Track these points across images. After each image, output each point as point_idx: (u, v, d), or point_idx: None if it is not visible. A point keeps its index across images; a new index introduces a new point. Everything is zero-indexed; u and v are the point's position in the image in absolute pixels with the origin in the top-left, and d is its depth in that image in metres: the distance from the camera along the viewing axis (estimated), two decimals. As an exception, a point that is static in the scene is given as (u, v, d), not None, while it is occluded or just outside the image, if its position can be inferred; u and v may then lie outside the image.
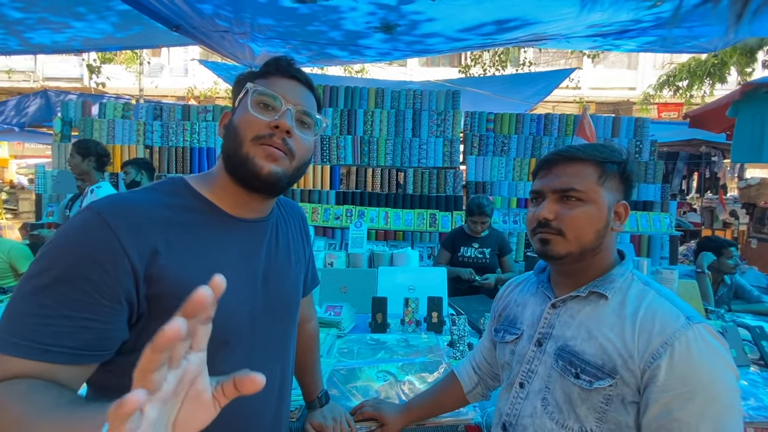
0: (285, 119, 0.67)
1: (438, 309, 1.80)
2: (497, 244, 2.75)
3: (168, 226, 0.61)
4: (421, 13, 2.59)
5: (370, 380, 1.28)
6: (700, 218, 7.51)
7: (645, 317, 0.70)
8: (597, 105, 13.43)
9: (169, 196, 0.66)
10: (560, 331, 0.78)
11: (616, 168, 0.77)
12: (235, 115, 0.70)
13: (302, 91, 0.72)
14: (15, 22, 2.81)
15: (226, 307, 0.64)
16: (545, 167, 0.80)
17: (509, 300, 0.95)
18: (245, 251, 0.71)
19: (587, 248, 0.75)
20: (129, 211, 0.58)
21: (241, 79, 0.72)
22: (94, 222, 0.55)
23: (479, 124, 4.33)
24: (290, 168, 0.69)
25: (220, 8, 2.55)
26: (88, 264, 0.53)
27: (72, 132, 4.37)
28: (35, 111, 7.37)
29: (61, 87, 10.41)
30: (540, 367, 0.79)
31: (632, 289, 0.76)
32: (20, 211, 9.54)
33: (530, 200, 0.84)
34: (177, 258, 0.60)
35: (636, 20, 2.50)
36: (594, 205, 0.75)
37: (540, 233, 0.77)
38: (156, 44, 3.78)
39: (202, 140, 4.26)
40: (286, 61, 0.73)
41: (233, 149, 0.67)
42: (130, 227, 0.57)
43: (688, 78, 8.45)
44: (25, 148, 12.69)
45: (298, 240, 0.87)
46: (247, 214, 0.72)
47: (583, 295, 0.78)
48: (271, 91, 0.68)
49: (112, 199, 0.60)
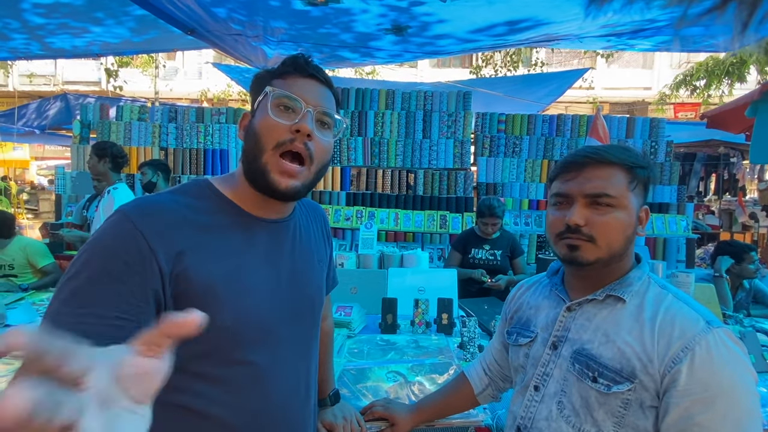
0: (305, 122, 0.67)
1: (448, 310, 1.80)
2: (509, 246, 2.72)
3: (193, 228, 0.63)
4: (432, 15, 2.60)
5: (380, 381, 1.28)
6: (719, 221, 7.33)
7: (664, 321, 0.70)
8: (611, 105, 13.22)
9: (195, 199, 0.67)
10: (576, 334, 0.77)
11: (644, 173, 0.75)
12: (255, 117, 0.70)
13: (321, 90, 0.72)
14: (37, 27, 2.90)
15: (251, 306, 0.66)
16: (573, 169, 0.77)
17: (521, 302, 0.93)
18: (269, 251, 0.71)
19: (616, 255, 0.74)
20: (156, 215, 0.61)
21: (260, 79, 0.72)
22: (125, 226, 0.59)
23: (490, 125, 4.30)
24: (309, 176, 0.69)
25: (234, 12, 2.60)
26: (119, 266, 0.56)
27: (90, 134, 4.49)
28: (55, 114, 7.59)
29: (80, 90, 10.69)
30: (555, 370, 0.79)
31: (650, 293, 0.75)
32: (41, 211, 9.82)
33: (552, 203, 0.80)
34: (202, 258, 0.62)
35: (651, 19, 2.46)
36: (625, 212, 0.73)
37: (568, 239, 0.75)
38: (171, 48, 3.86)
39: (215, 142, 4.33)
40: (303, 60, 0.72)
41: (253, 157, 0.67)
42: (157, 231, 0.59)
43: (705, 77, 8.27)
44: (45, 150, 13.04)
45: (320, 240, 0.87)
46: (269, 214, 0.73)
47: (600, 299, 0.76)
48: (290, 93, 0.67)
49: (141, 203, 0.63)
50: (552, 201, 0.80)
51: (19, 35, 3.07)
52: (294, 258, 0.76)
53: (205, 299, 0.61)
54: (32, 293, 2.50)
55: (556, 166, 0.81)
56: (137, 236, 0.58)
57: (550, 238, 0.79)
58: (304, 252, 0.79)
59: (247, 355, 0.66)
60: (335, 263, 1.00)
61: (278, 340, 0.71)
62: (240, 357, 0.66)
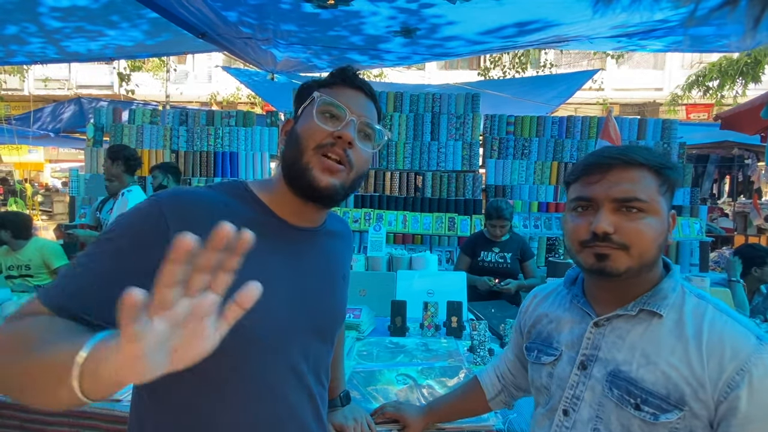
0: (348, 130, 0.68)
1: (458, 314, 1.78)
2: (518, 249, 2.70)
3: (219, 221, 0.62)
4: (442, 17, 2.60)
5: (389, 383, 1.28)
6: (733, 224, 7.19)
7: (711, 339, 0.64)
8: (621, 107, 13.07)
9: (229, 196, 0.69)
10: (609, 353, 0.71)
11: (673, 175, 0.70)
12: (298, 123, 0.71)
13: (366, 102, 0.73)
14: (54, 31, 2.96)
15: (269, 311, 0.64)
16: (597, 171, 0.70)
17: (539, 315, 0.87)
18: (297, 260, 0.71)
19: (647, 264, 0.68)
20: (186, 204, 0.62)
21: (307, 87, 0.74)
22: (151, 209, 0.61)
23: (499, 127, 4.28)
24: (348, 180, 0.70)
25: (245, 15, 2.63)
26: (133, 243, 0.58)
27: (104, 137, 4.56)
28: (69, 117, 7.74)
29: (93, 94, 10.89)
30: (586, 393, 0.72)
31: (687, 305, 0.69)
32: (55, 213, 10.00)
33: (572, 208, 0.73)
34: None
35: (662, 20, 2.43)
36: (657, 217, 0.67)
37: (596, 247, 0.68)
38: (182, 51, 3.92)
39: (225, 145, 4.37)
40: (352, 72, 0.73)
41: (294, 158, 0.68)
42: (181, 217, 0.60)
43: (719, 78, 8.13)
44: (59, 153, 13.30)
45: (346, 257, 0.87)
46: (302, 222, 0.73)
47: (633, 314, 0.70)
48: (336, 101, 0.69)
49: (177, 191, 0.66)
50: (572, 206, 0.73)
51: (36, 39, 3.13)
52: (321, 270, 0.75)
53: None
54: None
55: (576, 168, 0.75)
56: (159, 217, 0.59)
57: (572, 246, 0.72)
58: (331, 266, 0.78)
59: (260, 360, 0.65)
60: None
61: (295, 350, 0.70)
62: (253, 360, 0.65)
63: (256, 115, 4.63)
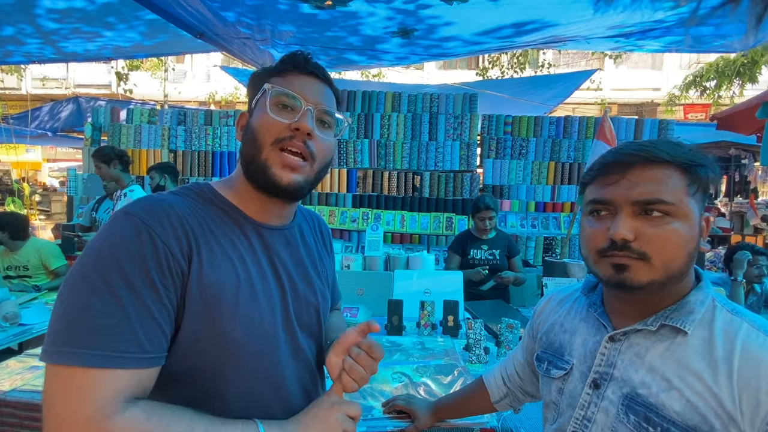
0: (305, 121, 0.64)
1: (454, 313, 1.80)
2: (506, 246, 2.75)
3: (198, 232, 0.60)
4: (439, 17, 2.60)
5: (385, 381, 1.29)
6: (730, 223, 7.22)
7: (744, 365, 0.55)
8: (619, 107, 13.10)
9: (197, 202, 0.65)
10: (625, 373, 0.64)
11: (705, 173, 0.61)
12: (252, 116, 0.68)
13: (322, 88, 0.69)
14: (51, 33, 2.96)
15: (259, 317, 0.63)
16: (615, 170, 0.62)
17: (553, 322, 0.80)
18: (272, 260, 0.69)
19: (674, 275, 0.60)
20: (167, 217, 0.58)
21: (257, 77, 0.70)
22: (141, 228, 0.55)
23: (497, 127, 4.30)
24: (311, 173, 0.67)
25: (243, 15, 2.63)
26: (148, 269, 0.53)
27: (102, 137, 4.57)
28: (67, 116, 7.72)
29: (91, 93, 10.87)
30: (599, 415, 0.65)
31: (718, 321, 0.60)
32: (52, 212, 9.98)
33: (588, 212, 0.66)
34: (208, 264, 0.59)
35: (659, 20, 2.45)
36: (685, 222, 0.59)
37: (614, 257, 0.61)
38: (180, 51, 3.92)
39: (223, 144, 4.38)
40: (303, 57, 0.69)
41: (252, 155, 0.65)
42: (172, 232, 0.57)
43: (716, 78, 8.17)
44: (57, 152, 13.26)
45: (322, 251, 0.85)
46: (272, 220, 0.71)
47: (653, 329, 0.62)
48: (289, 91, 0.65)
49: (149, 205, 0.59)
50: (588, 209, 0.66)
51: (33, 40, 3.13)
52: (297, 267, 0.73)
53: (212, 307, 0.58)
54: (45, 293, 2.55)
55: (592, 167, 0.67)
56: (150, 237, 0.55)
57: (589, 255, 0.65)
58: (306, 261, 0.77)
59: (253, 365, 0.64)
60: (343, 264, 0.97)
61: (285, 349, 0.69)
62: (246, 366, 0.63)
63: (255, 115, 4.63)
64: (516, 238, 4.04)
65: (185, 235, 0.58)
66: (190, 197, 0.65)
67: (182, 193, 0.66)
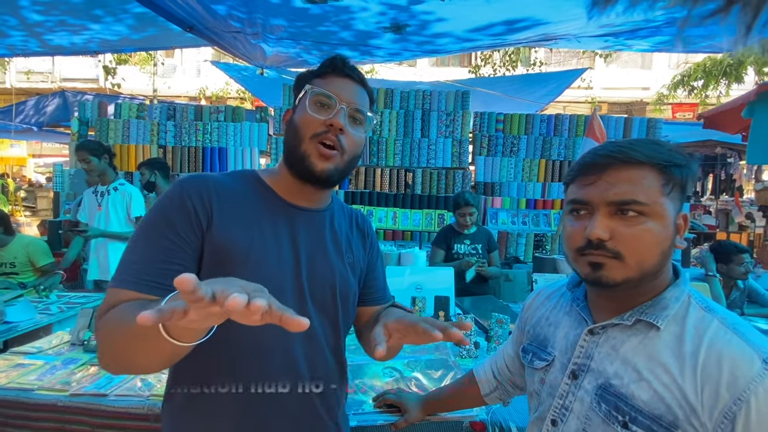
0: (338, 118, 0.74)
1: (445, 308, 1.81)
2: (486, 240, 2.80)
3: (224, 200, 0.74)
4: (431, 13, 2.61)
5: (376, 376, 1.29)
6: (715, 221, 7.36)
7: (708, 360, 0.57)
8: (609, 105, 13.25)
9: (237, 180, 0.79)
10: (601, 364, 0.67)
11: (681, 173, 0.63)
12: (295, 113, 0.79)
13: (356, 89, 0.79)
14: (35, 25, 2.90)
15: (259, 273, 0.71)
16: (593, 171, 0.64)
17: (540, 315, 0.83)
18: (294, 234, 0.78)
19: (649, 273, 0.62)
20: (201, 185, 0.73)
21: (302, 78, 0.80)
22: (178, 190, 0.72)
23: (488, 125, 4.32)
24: (342, 163, 0.77)
25: (234, 9, 2.60)
26: (175, 221, 0.69)
27: (89, 132, 4.48)
28: (53, 111, 7.56)
29: (78, 88, 10.66)
30: (575, 404, 0.68)
31: (690, 318, 0.63)
32: (38, 209, 9.79)
33: (568, 211, 0.68)
34: (228, 225, 0.72)
35: (648, 19, 2.48)
36: (659, 221, 0.61)
37: (591, 255, 0.63)
38: (170, 45, 3.86)
39: (214, 140, 4.33)
40: (341, 61, 0.79)
41: (293, 145, 0.76)
42: (199, 196, 0.72)
43: (703, 78, 8.31)
44: (43, 148, 13.00)
45: (358, 245, 0.89)
46: (302, 202, 0.81)
47: (628, 324, 0.65)
48: (326, 91, 0.75)
49: (194, 175, 0.77)
50: (568, 209, 0.68)
51: (17, 32, 3.06)
52: (317, 246, 0.80)
53: (223, 260, 0.70)
54: (30, 290, 2.50)
55: (573, 168, 0.69)
56: (184, 198, 0.71)
57: (569, 253, 0.68)
58: (330, 243, 0.82)
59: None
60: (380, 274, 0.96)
61: None
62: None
63: (246, 111, 4.59)
64: (507, 234, 4.07)
65: (210, 200, 0.72)
66: (233, 176, 0.80)
67: (228, 174, 0.80)
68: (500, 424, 1.13)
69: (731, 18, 0.44)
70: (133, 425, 1.15)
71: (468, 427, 1.10)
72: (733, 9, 0.43)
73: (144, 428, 1.15)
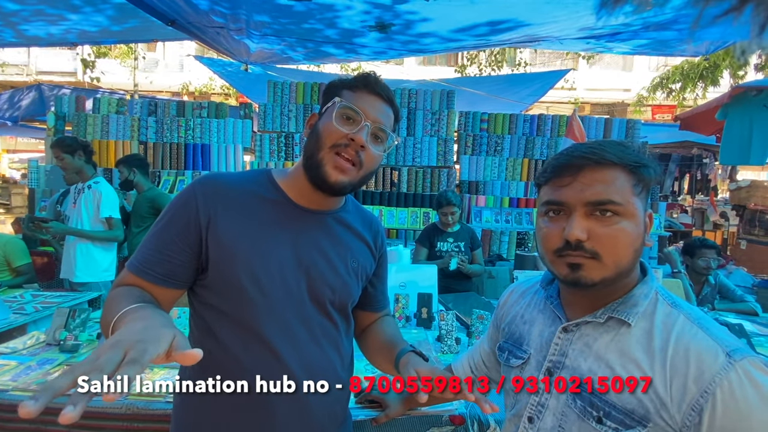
0: (361, 134, 0.76)
1: (428, 305, 1.83)
2: (470, 238, 2.84)
3: (233, 201, 0.77)
4: (416, 13, 2.62)
5: (358, 372, 1.30)
6: (691, 219, 7.60)
7: (676, 355, 0.59)
8: (592, 106, 13.52)
9: (251, 182, 0.81)
10: (575, 361, 0.67)
11: (648, 173, 0.65)
12: (321, 120, 0.80)
13: (383, 107, 0.80)
14: (10, 14, 2.80)
15: (258, 269, 0.75)
16: (567, 173, 0.65)
17: (515, 313, 0.83)
18: (297, 234, 0.79)
19: (623, 271, 0.64)
20: (210, 187, 0.78)
21: (333, 86, 0.82)
22: (189, 192, 0.77)
23: (473, 124, 4.37)
24: (356, 177, 0.79)
25: (216, 4, 2.57)
26: (178, 218, 0.75)
27: (66, 127, 4.36)
28: (28, 105, 7.30)
29: (55, 81, 10.32)
30: (551, 401, 0.69)
31: (658, 314, 0.64)
32: (13, 206, 9.45)
33: (543, 212, 0.68)
34: (231, 224, 0.76)
35: (626, 23, 2.55)
36: (632, 220, 0.62)
37: (569, 256, 0.63)
38: (151, 38, 3.79)
39: (196, 137, 4.26)
40: (374, 79, 0.81)
41: (312, 151, 0.78)
42: (206, 196, 0.76)
43: (681, 80, 8.55)
44: (17, 143, 12.56)
45: (364, 250, 0.89)
46: (312, 205, 0.82)
47: (601, 321, 0.66)
48: (354, 107, 0.76)
49: (208, 176, 0.81)
50: (543, 210, 0.68)
51: (-11, 22, 2.96)
52: (321, 249, 0.81)
53: (228, 261, 0.74)
54: (5, 290, 2.43)
55: (546, 169, 0.69)
56: (191, 198, 0.76)
57: (545, 255, 0.68)
58: (335, 246, 0.83)
59: (255, 315, 0.75)
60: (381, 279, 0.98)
61: (289, 312, 0.77)
62: (250, 318, 0.75)
63: (230, 107, 4.53)
64: (490, 232, 4.13)
65: (216, 200, 0.77)
66: (246, 177, 0.83)
67: (245, 174, 0.84)
68: (479, 418, 1.15)
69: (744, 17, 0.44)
70: (110, 425, 1.14)
71: (447, 421, 1.12)
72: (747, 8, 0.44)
73: (121, 428, 1.14)
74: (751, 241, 6.28)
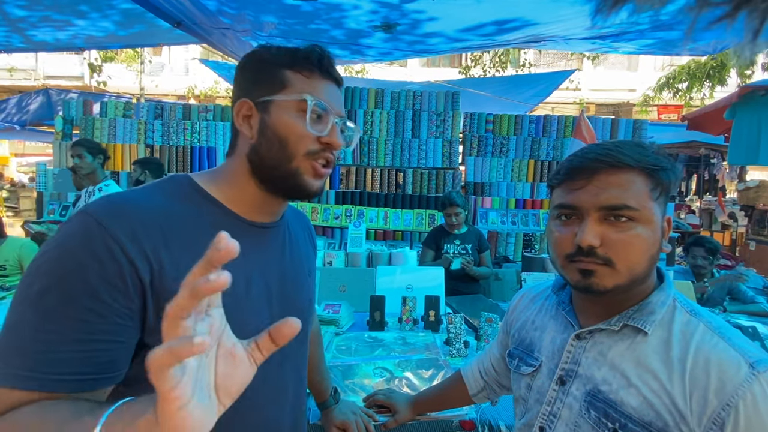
0: (335, 136, 0.65)
1: (435, 308, 1.82)
2: (477, 240, 2.82)
3: (173, 234, 0.56)
4: (423, 12, 2.61)
5: (366, 376, 1.29)
6: (699, 220, 7.52)
7: (696, 366, 0.56)
8: (597, 107, 13.44)
9: (173, 199, 0.59)
10: (588, 370, 0.65)
11: (667, 177, 0.61)
12: (271, 115, 0.62)
13: (340, 95, 0.69)
14: (18, 20, 2.83)
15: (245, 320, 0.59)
16: (581, 175, 0.62)
17: (525, 319, 0.81)
18: (258, 259, 0.66)
19: (638, 279, 0.61)
20: (131, 217, 0.52)
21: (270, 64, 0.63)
22: (96, 232, 0.49)
23: (478, 125, 4.35)
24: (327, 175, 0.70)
25: (224, 4, 2.57)
26: (95, 281, 0.48)
27: (73, 130, 4.39)
28: (36, 109, 7.39)
29: (62, 85, 10.42)
30: (564, 411, 0.67)
31: (676, 322, 0.62)
32: (21, 209, 9.55)
33: (555, 216, 0.66)
34: (175, 270, 0.53)
35: (633, 22, 2.52)
36: (649, 226, 0.60)
37: (581, 262, 0.61)
38: (157, 42, 3.80)
39: (202, 140, 4.28)
40: (327, 60, 0.66)
41: (278, 161, 0.62)
42: (134, 236, 0.51)
43: (687, 80, 8.48)
44: (26, 147, 12.70)
45: (310, 250, 0.84)
46: (261, 217, 0.67)
47: (616, 329, 0.64)
48: (325, 104, 0.63)
49: (111, 202, 0.54)
50: (555, 213, 0.66)
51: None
52: (284, 267, 0.71)
53: None
54: (14, 292, 2.44)
55: (559, 171, 0.67)
56: (111, 243, 0.49)
57: (557, 259, 0.65)
58: (295, 261, 0.74)
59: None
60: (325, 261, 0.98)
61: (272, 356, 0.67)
62: None
63: (235, 110, 4.54)
64: (496, 234, 4.10)
65: (150, 238, 0.52)
66: (165, 192, 0.60)
67: (157, 188, 0.61)
68: (489, 423, 1.13)
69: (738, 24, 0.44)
70: None
71: (458, 426, 1.11)
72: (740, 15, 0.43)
73: None
74: (760, 242, 6.20)
